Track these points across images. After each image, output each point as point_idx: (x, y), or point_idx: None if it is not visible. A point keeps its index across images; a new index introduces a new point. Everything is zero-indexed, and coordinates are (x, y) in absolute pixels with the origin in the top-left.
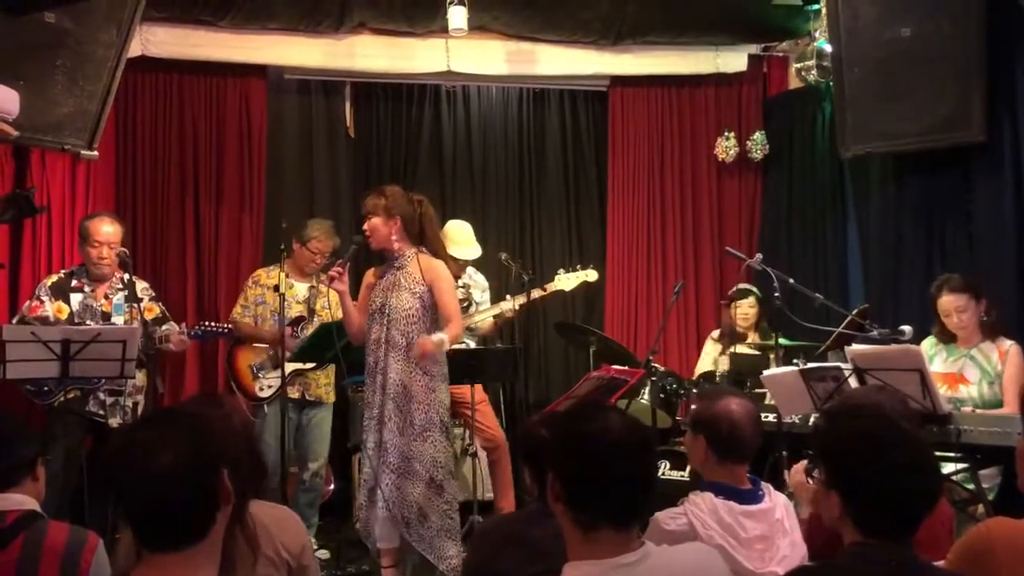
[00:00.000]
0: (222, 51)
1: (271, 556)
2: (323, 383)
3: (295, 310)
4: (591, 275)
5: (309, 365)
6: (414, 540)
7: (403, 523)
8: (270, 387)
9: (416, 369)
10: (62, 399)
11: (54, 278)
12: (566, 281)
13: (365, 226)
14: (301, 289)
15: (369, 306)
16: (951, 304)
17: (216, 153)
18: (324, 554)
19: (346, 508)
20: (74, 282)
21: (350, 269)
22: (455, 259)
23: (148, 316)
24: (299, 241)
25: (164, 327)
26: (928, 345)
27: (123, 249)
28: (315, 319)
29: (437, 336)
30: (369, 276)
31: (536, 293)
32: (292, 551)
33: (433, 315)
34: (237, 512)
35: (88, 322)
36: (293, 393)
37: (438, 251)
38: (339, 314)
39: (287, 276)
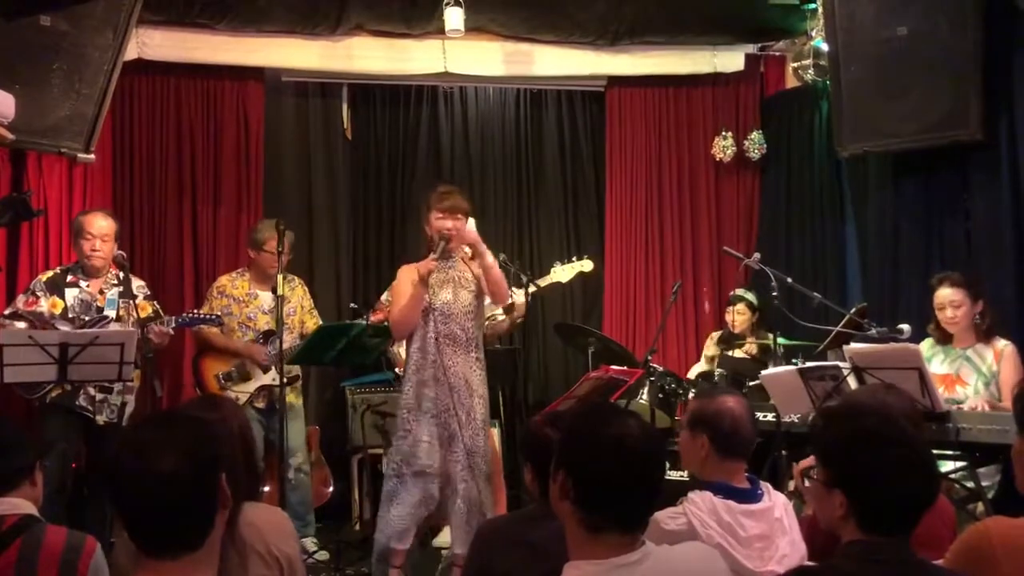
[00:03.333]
0: (219, 54)
1: (264, 556)
2: (290, 390)
3: (261, 321)
4: (586, 265)
5: (277, 381)
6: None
7: (470, 523)
8: (238, 399)
9: (475, 363)
10: (53, 394)
11: (49, 274)
12: (562, 272)
13: (451, 224)
14: (266, 299)
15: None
16: (946, 298)
17: (213, 155)
18: (324, 555)
19: (345, 510)
20: (69, 277)
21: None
22: None
23: (142, 314)
24: (254, 248)
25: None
26: (926, 347)
27: (120, 252)
28: (284, 330)
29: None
30: (412, 272)
31: (533, 288)
32: (284, 553)
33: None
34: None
35: (83, 317)
36: (259, 403)
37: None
38: (307, 318)
39: (247, 286)
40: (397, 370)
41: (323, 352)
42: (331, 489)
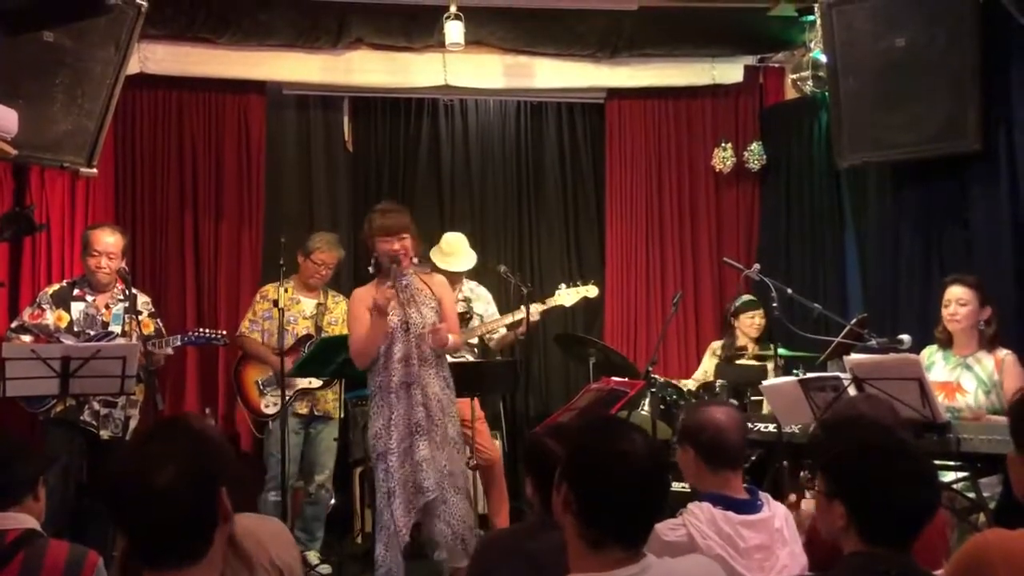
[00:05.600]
0: (221, 67)
1: (266, 566)
2: (331, 398)
3: (301, 326)
4: (592, 291)
5: (315, 384)
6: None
7: (460, 540)
8: (276, 404)
9: (445, 382)
10: (58, 408)
11: (56, 287)
12: (566, 296)
13: (398, 246)
14: (308, 305)
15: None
16: (954, 294)
17: (215, 169)
18: (326, 569)
19: (346, 523)
20: (75, 291)
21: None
22: (447, 272)
23: (144, 331)
24: (303, 254)
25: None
26: (927, 354)
27: (123, 266)
28: (319, 338)
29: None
30: (367, 298)
31: (536, 307)
32: (285, 563)
33: None
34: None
35: (89, 331)
36: (301, 409)
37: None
38: (347, 330)
39: (291, 291)
40: None
41: (323, 365)
42: (332, 502)
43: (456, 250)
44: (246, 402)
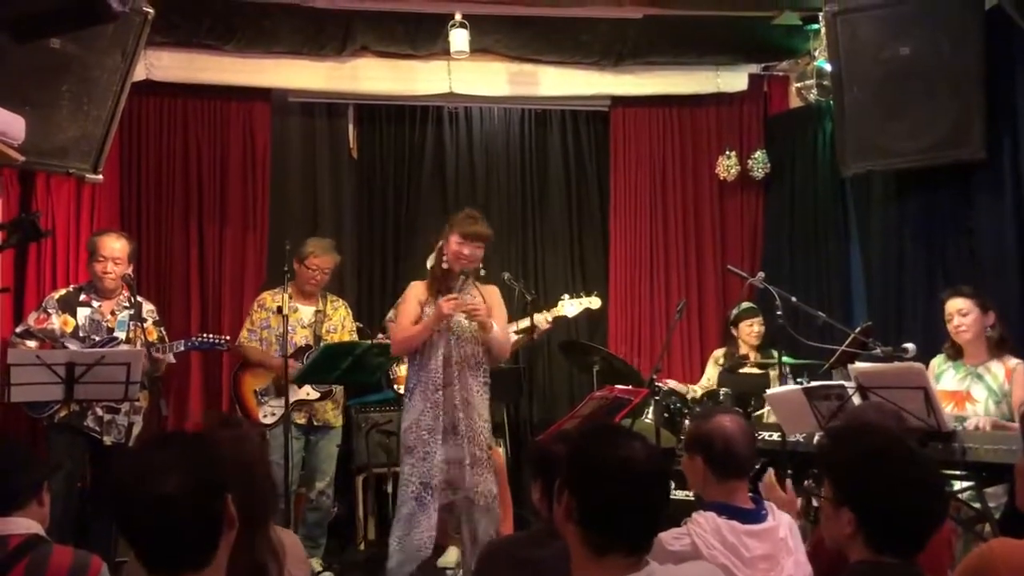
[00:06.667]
0: (226, 75)
1: None
2: (330, 408)
3: (300, 335)
4: (594, 302)
5: (313, 395)
6: None
7: (471, 539)
8: (274, 414)
9: (483, 386)
10: (61, 414)
11: (62, 292)
12: (569, 307)
13: (468, 251)
14: (306, 313)
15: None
16: (955, 306)
17: (220, 175)
18: None
19: (349, 530)
20: (82, 296)
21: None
22: None
23: (149, 338)
24: (298, 259)
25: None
26: (937, 363)
27: (128, 273)
28: (321, 346)
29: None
30: (421, 293)
31: (540, 317)
32: None
33: None
34: (260, 530)
35: (94, 337)
36: (300, 419)
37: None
38: (346, 339)
39: (291, 298)
40: (397, 388)
41: (328, 371)
42: (335, 509)
43: None
44: (244, 411)
